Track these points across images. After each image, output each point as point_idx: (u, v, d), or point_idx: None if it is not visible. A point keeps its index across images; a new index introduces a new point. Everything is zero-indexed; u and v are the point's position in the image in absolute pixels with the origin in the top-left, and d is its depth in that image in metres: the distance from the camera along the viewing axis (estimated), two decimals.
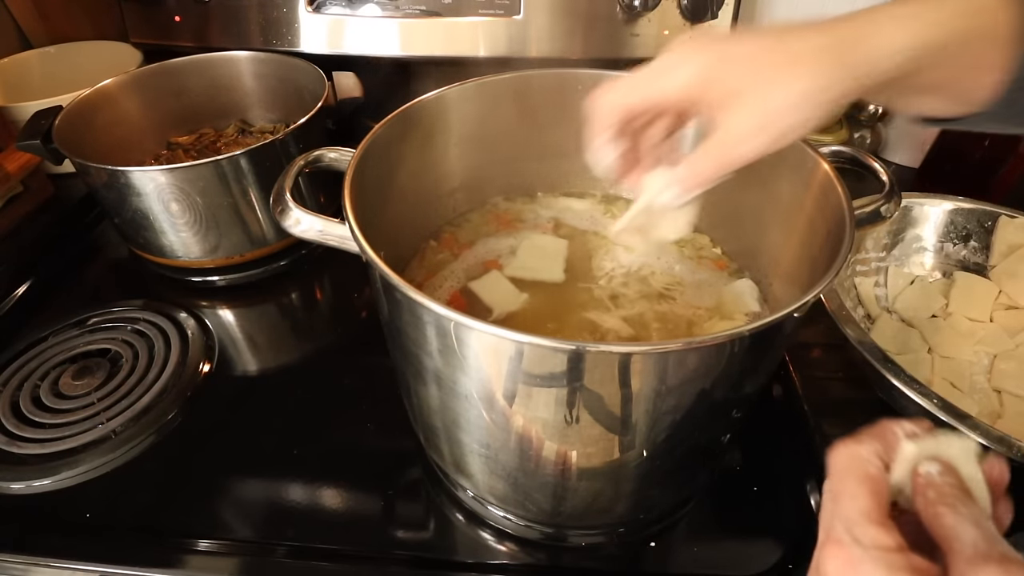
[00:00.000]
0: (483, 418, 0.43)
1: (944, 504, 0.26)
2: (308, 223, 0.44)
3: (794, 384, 0.61)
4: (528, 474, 0.47)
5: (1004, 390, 0.60)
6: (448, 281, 0.59)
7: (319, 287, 0.80)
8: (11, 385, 0.65)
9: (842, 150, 0.51)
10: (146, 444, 0.60)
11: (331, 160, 0.50)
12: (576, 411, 0.39)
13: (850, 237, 0.40)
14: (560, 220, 0.66)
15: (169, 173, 0.68)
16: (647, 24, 0.87)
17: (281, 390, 0.66)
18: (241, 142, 0.91)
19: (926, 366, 0.62)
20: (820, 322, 0.58)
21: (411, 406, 0.53)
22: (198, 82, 0.89)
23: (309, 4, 0.89)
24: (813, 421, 0.58)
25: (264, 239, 0.78)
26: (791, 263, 0.52)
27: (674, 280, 0.59)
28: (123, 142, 0.83)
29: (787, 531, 0.54)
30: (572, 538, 0.54)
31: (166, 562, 0.51)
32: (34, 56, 1.02)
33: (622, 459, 0.44)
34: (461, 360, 0.40)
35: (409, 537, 0.53)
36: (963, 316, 0.66)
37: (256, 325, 0.75)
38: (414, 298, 0.36)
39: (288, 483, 0.57)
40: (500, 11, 0.87)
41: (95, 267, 0.84)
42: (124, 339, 0.69)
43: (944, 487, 0.27)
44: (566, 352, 0.35)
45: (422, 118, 0.56)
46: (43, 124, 0.73)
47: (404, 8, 0.88)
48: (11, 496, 0.56)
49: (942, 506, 0.26)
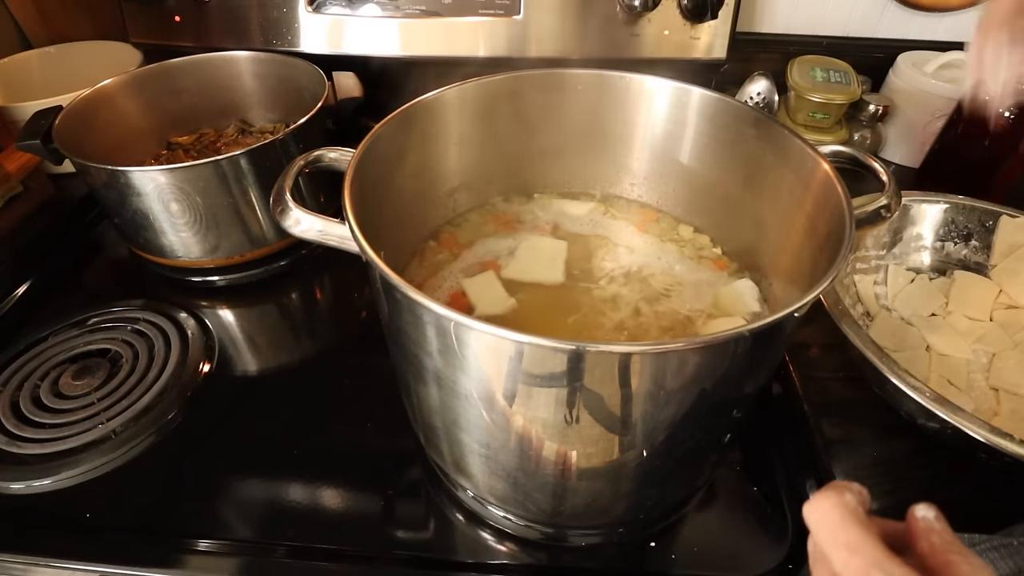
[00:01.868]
0: (483, 418, 0.43)
1: (955, 553, 0.26)
2: (308, 223, 0.44)
3: (794, 384, 0.62)
4: (528, 474, 0.47)
5: (1002, 388, 0.60)
6: (448, 281, 0.59)
7: (319, 287, 0.80)
8: (11, 385, 0.65)
9: (842, 150, 0.51)
10: (146, 444, 0.60)
11: (331, 160, 0.50)
12: (576, 411, 0.39)
13: (850, 237, 0.40)
14: (559, 224, 0.66)
15: (169, 173, 0.68)
16: (647, 24, 0.87)
17: (281, 390, 0.66)
18: (241, 142, 0.91)
19: (924, 364, 0.62)
20: (820, 321, 0.58)
21: (411, 406, 0.53)
22: (198, 82, 0.89)
23: (309, 4, 0.89)
24: (813, 421, 0.58)
25: (264, 239, 0.78)
26: (791, 263, 0.52)
27: (674, 280, 0.59)
28: (123, 142, 0.83)
29: (787, 531, 0.54)
30: (572, 538, 0.54)
31: (166, 562, 0.51)
32: (34, 56, 1.02)
33: (622, 459, 0.44)
34: (461, 360, 0.40)
35: (409, 537, 0.53)
36: (962, 315, 0.66)
37: (256, 325, 0.75)
38: (414, 298, 0.36)
39: (288, 483, 0.57)
40: (500, 11, 0.87)
41: (95, 267, 0.84)
42: (124, 339, 0.69)
43: (946, 534, 0.27)
44: (566, 352, 0.35)
45: (422, 118, 0.56)
46: (43, 124, 0.73)
47: (404, 8, 0.88)
48: (11, 496, 0.56)
49: (954, 555, 0.26)
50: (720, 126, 0.57)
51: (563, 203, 0.68)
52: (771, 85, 0.90)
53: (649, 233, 0.65)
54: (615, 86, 0.61)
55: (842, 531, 0.27)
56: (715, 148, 0.59)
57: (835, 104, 0.88)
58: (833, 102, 0.87)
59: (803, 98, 0.89)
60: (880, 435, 0.57)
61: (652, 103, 0.60)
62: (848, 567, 0.26)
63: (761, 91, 0.90)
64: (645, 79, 0.59)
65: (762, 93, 0.90)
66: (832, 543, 0.27)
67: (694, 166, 0.62)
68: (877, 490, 0.52)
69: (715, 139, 0.59)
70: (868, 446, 0.56)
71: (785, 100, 0.94)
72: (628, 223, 0.66)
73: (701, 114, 0.58)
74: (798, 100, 0.90)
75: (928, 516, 0.28)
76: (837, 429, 0.57)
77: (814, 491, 0.55)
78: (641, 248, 0.63)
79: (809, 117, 0.90)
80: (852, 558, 0.26)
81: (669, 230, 0.65)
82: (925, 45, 0.97)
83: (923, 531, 0.27)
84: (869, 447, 0.56)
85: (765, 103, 0.90)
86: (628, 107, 0.61)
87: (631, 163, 0.66)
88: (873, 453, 0.55)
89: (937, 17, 0.99)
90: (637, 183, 0.67)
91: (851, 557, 0.26)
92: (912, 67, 0.92)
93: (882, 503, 0.52)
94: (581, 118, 0.63)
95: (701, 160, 0.61)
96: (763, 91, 0.90)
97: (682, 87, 0.58)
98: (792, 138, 0.50)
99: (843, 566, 0.27)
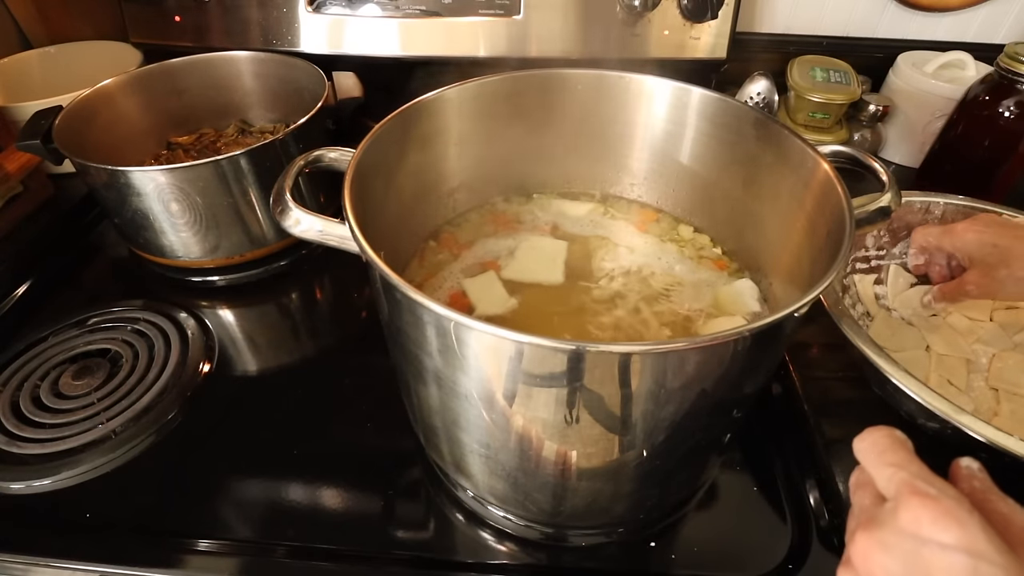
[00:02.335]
0: (483, 418, 0.43)
1: (994, 493, 0.29)
2: (308, 223, 0.44)
3: (794, 384, 0.62)
4: (528, 474, 0.47)
5: (1002, 388, 0.60)
6: (448, 281, 0.59)
7: (319, 287, 0.80)
8: (11, 385, 0.65)
9: (842, 150, 0.51)
10: (146, 444, 0.60)
11: (331, 160, 0.50)
12: (576, 411, 0.39)
13: (850, 237, 0.40)
14: (558, 225, 0.66)
15: (169, 173, 0.68)
16: (647, 24, 0.87)
17: (281, 390, 0.66)
18: (241, 142, 0.91)
19: (924, 364, 0.62)
20: (820, 321, 0.58)
21: (411, 406, 0.53)
22: (198, 82, 0.89)
23: (309, 4, 0.89)
24: (813, 421, 0.58)
25: (264, 239, 0.78)
26: (791, 263, 0.52)
27: (674, 280, 0.59)
28: (123, 142, 0.83)
29: (787, 531, 0.54)
30: (572, 538, 0.54)
31: (166, 562, 0.51)
32: (34, 56, 1.02)
33: (622, 459, 0.44)
34: (461, 360, 0.40)
35: (409, 537, 0.53)
36: (962, 315, 0.66)
37: (256, 325, 0.75)
38: (414, 298, 0.36)
39: (288, 483, 0.57)
40: (500, 11, 0.87)
41: (95, 267, 0.84)
42: (124, 339, 0.69)
43: (987, 480, 0.30)
44: (566, 352, 0.35)
45: (422, 118, 0.56)
46: (43, 124, 0.73)
47: (404, 8, 0.88)
48: (11, 496, 0.56)
49: (993, 495, 0.29)
50: (720, 126, 0.57)
51: (563, 203, 0.68)
52: (771, 85, 0.90)
53: (649, 233, 0.65)
54: (615, 86, 0.61)
55: (891, 453, 0.30)
56: (715, 148, 0.59)
57: (835, 104, 0.88)
58: (833, 102, 0.87)
59: (803, 98, 0.89)
60: None
61: (652, 103, 0.60)
62: (893, 480, 0.29)
63: (761, 91, 0.90)
64: (645, 79, 0.59)
65: (762, 93, 0.90)
66: (880, 463, 0.30)
67: (694, 166, 0.62)
68: None
69: (715, 139, 0.59)
70: None
71: (785, 100, 0.94)
72: (628, 223, 0.66)
73: (701, 114, 0.58)
74: (798, 100, 0.90)
75: (972, 466, 0.31)
76: (837, 429, 0.57)
77: (814, 491, 0.55)
78: (641, 248, 0.63)
79: (809, 117, 0.90)
80: (897, 472, 0.29)
81: (669, 230, 0.65)
82: (925, 45, 0.97)
83: (965, 476, 0.30)
84: None
85: (765, 103, 0.90)
86: (628, 107, 0.61)
87: (631, 163, 0.66)
88: None
89: (937, 17, 0.99)
90: (637, 183, 0.67)
91: (896, 472, 0.29)
92: (912, 67, 0.92)
93: None
94: (581, 118, 0.63)
95: (701, 160, 0.61)
96: (763, 91, 0.90)
97: (682, 87, 0.58)
98: (792, 138, 0.50)
99: (887, 480, 0.30)
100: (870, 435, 0.32)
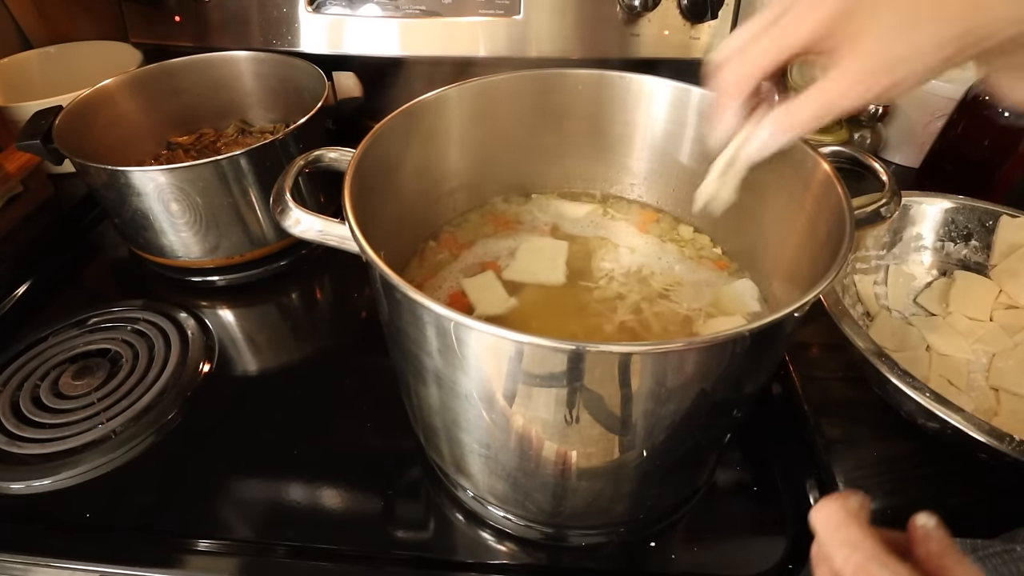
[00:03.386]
0: (483, 418, 0.43)
1: (950, 558, 0.28)
2: (308, 223, 0.44)
3: (794, 384, 0.61)
4: (528, 474, 0.47)
5: (1002, 388, 0.60)
6: (448, 281, 0.59)
7: (319, 287, 0.80)
8: (11, 385, 0.65)
9: (842, 150, 0.51)
10: (146, 444, 0.60)
11: (331, 160, 0.50)
12: (576, 411, 0.39)
13: (850, 237, 0.40)
14: (558, 225, 0.66)
15: (169, 173, 0.68)
16: (647, 24, 0.87)
17: (281, 390, 0.66)
18: (241, 142, 0.91)
19: (924, 364, 0.62)
20: (820, 321, 0.58)
21: (411, 406, 0.53)
22: (198, 82, 0.89)
23: (309, 4, 0.89)
24: (813, 421, 0.58)
25: (264, 239, 0.78)
26: (791, 263, 0.52)
27: (674, 280, 0.59)
28: (123, 142, 0.83)
29: (787, 531, 0.54)
30: (572, 538, 0.54)
31: (166, 562, 0.51)
32: (34, 56, 1.02)
33: (622, 459, 0.44)
34: (461, 360, 0.40)
35: (409, 537, 0.53)
36: (963, 315, 0.66)
37: (256, 325, 0.75)
38: (414, 298, 0.36)
39: (288, 483, 0.57)
40: (500, 11, 0.87)
41: (95, 267, 0.84)
42: (124, 339, 0.69)
43: (943, 541, 0.29)
44: (566, 352, 0.35)
45: (422, 118, 0.56)
46: (43, 124, 0.73)
47: (404, 8, 0.88)
48: (11, 496, 0.56)
49: (949, 560, 0.28)
50: None
51: (563, 203, 0.68)
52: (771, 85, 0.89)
53: (649, 233, 0.65)
54: (615, 86, 0.61)
55: (844, 530, 0.29)
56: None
57: None
58: None
59: None
60: (880, 435, 0.57)
61: (652, 103, 0.60)
62: (848, 562, 0.29)
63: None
64: (645, 79, 0.59)
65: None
66: (835, 541, 0.30)
67: (694, 166, 0.62)
68: (877, 490, 0.52)
69: None
70: (868, 446, 0.56)
71: None
72: (628, 223, 0.66)
73: (701, 114, 0.58)
74: None
75: (928, 524, 0.30)
76: (837, 429, 0.57)
77: (814, 491, 0.55)
78: (641, 248, 0.63)
79: None
80: (853, 554, 0.28)
81: (669, 230, 0.65)
82: None
83: (922, 538, 0.29)
84: (869, 447, 0.56)
85: None
86: (628, 107, 0.61)
87: (631, 163, 0.66)
88: (873, 453, 0.55)
89: None
90: (637, 183, 0.67)
91: (852, 553, 0.29)
92: None
93: (882, 503, 0.52)
94: (581, 118, 0.63)
95: (701, 160, 0.61)
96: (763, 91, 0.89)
97: (682, 87, 0.58)
98: None
99: (844, 561, 0.29)
100: (825, 507, 0.31)
